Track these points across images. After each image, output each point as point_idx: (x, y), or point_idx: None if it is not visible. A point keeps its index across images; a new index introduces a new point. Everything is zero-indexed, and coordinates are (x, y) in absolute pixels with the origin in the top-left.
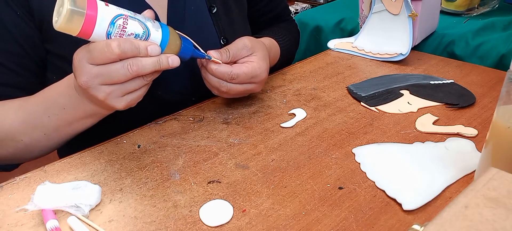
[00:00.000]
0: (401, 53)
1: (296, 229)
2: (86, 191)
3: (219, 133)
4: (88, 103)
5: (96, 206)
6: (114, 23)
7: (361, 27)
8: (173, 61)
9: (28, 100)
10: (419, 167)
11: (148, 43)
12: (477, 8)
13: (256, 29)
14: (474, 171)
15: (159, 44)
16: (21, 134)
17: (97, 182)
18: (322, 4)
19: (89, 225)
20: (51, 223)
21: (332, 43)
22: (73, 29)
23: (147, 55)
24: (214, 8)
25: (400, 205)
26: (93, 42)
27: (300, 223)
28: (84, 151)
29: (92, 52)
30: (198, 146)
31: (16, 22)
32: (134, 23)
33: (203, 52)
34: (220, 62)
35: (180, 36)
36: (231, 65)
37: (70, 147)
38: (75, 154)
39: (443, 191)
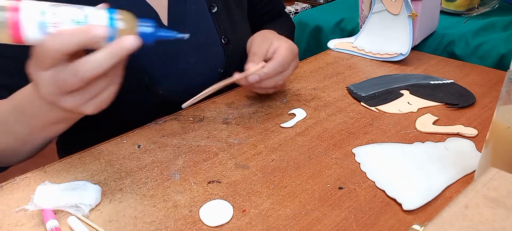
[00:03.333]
0: (401, 53)
1: (296, 229)
2: (86, 191)
3: (219, 133)
4: (57, 111)
5: (96, 206)
6: (45, 11)
7: (361, 27)
8: (130, 42)
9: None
10: (419, 167)
11: (90, 26)
12: (477, 8)
13: (255, 28)
14: (474, 171)
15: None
16: None
17: (97, 182)
18: (322, 4)
19: (89, 225)
20: (51, 223)
21: (332, 43)
22: (4, 39)
23: (94, 39)
24: (215, 8)
25: (400, 205)
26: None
27: (300, 223)
28: (84, 151)
29: (37, 59)
30: (198, 146)
31: None
32: (69, 8)
33: (173, 32)
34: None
35: (140, 19)
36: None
37: (70, 147)
38: (75, 154)
39: (443, 191)
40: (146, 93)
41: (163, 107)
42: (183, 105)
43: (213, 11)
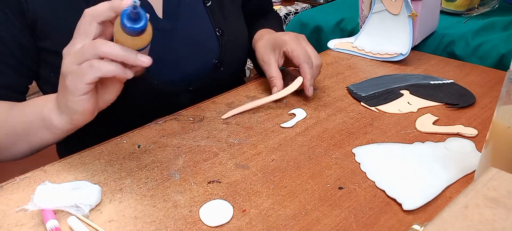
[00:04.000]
0: (401, 53)
1: (296, 229)
2: (86, 191)
3: (219, 133)
4: (46, 106)
5: (96, 206)
6: None
7: (361, 27)
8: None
9: (16, 105)
10: (419, 167)
11: None
12: (477, 8)
13: (250, 22)
14: (474, 171)
15: None
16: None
17: (97, 182)
18: (322, 4)
19: (89, 225)
20: (51, 223)
21: (332, 43)
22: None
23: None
24: (209, 2)
25: (400, 205)
26: None
27: (300, 223)
28: (84, 151)
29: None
30: (198, 146)
31: (3, 22)
32: None
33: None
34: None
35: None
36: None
37: (70, 147)
38: (75, 154)
39: (443, 191)
40: (141, 83)
41: (160, 99)
42: (223, 117)
43: (207, 4)
